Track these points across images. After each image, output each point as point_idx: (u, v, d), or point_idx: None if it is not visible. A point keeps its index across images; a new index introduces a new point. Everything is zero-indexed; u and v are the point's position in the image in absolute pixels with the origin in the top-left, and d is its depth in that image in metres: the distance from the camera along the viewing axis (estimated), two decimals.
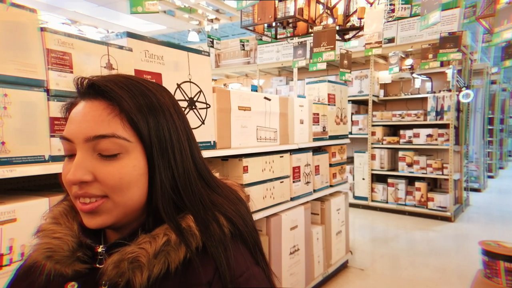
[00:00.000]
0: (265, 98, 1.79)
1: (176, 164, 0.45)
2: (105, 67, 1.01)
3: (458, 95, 4.10)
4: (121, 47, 1.05)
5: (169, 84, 1.19)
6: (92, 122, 0.42)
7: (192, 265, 0.43)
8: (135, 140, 0.43)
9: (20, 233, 0.78)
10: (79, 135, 0.42)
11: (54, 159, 0.89)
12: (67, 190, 0.45)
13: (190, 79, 1.28)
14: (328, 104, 2.44)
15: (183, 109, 1.23)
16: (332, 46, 2.36)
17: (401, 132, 4.29)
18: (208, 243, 0.44)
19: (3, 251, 0.76)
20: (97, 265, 0.44)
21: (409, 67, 4.21)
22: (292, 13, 2.45)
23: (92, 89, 0.44)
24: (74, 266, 0.44)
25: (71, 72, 0.93)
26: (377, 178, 4.48)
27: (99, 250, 0.45)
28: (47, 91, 0.88)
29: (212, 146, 1.42)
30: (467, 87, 4.33)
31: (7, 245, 0.76)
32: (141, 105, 0.44)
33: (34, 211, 0.81)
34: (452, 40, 3.17)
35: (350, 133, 4.46)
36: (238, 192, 0.54)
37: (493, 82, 7.02)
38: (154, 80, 1.15)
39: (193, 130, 1.20)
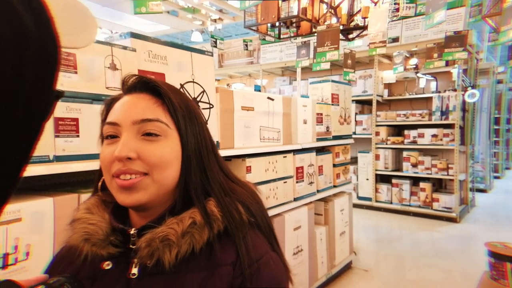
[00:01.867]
0: (268, 98, 1.79)
1: (204, 155, 0.53)
2: (109, 67, 1.01)
3: (463, 94, 4.06)
4: (125, 48, 1.06)
5: (172, 84, 1.19)
6: (140, 109, 0.49)
7: (215, 246, 0.48)
8: (174, 128, 0.51)
9: (25, 233, 0.79)
10: (127, 119, 0.49)
11: (58, 159, 0.89)
12: (106, 172, 0.49)
13: (193, 79, 1.29)
14: (332, 104, 2.42)
15: None
16: (336, 46, 2.35)
17: (406, 132, 4.25)
18: (229, 227, 0.49)
19: (8, 250, 0.77)
20: (131, 246, 0.49)
21: (414, 66, 4.17)
22: (295, 13, 2.44)
23: (140, 84, 0.52)
24: (108, 249, 0.49)
25: (76, 72, 0.93)
26: (381, 179, 4.45)
27: (132, 232, 0.49)
28: None
29: None
30: (473, 87, 4.29)
31: (13, 244, 0.77)
32: (179, 102, 0.52)
33: (39, 211, 0.82)
34: (457, 39, 3.13)
35: (354, 133, 4.44)
36: (251, 186, 0.59)
37: (499, 82, 6.94)
38: None
39: None
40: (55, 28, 0.23)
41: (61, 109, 0.89)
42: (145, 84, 0.52)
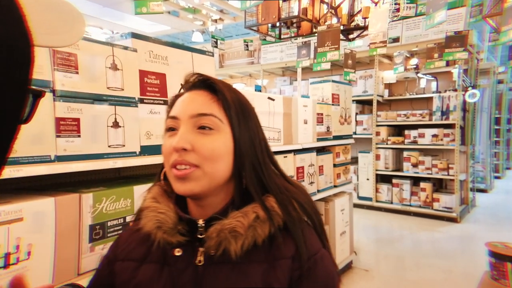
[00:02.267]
0: (269, 98, 1.79)
1: (258, 152, 0.55)
2: (110, 67, 1.01)
3: (464, 94, 4.05)
4: (125, 48, 1.06)
5: (173, 84, 1.19)
6: (197, 104, 0.53)
7: (276, 240, 0.51)
8: (227, 123, 0.53)
9: (27, 232, 0.79)
10: (186, 113, 0.52)
11: (60, 159, 0.89)
12: (166, 162, 0.53)
13: None
14: (332, 104, 2.43)
15: None
16: (337, 46, 2.35)
17: (406, 132, 4.25)
18: (289, 223, 0.52)
19: (10, 249, 0.77)
20: (199, 236, 0.52)
21: (414, 66, 4.17)
22: (296, 13, 2.44)
23: (199, 82, 0.56)
24: (177, 237, 0.53)
25: (77, 72, 0.93)
26: (382, 179, 4.45)
27: (200, 223, 0.53)
28: (53, 91, 0.89)
29: None
30: (474, 87, 4.28)
31: (14, 244, 0.77)
32: (234, 99, 0.54)
33: (40, 210, 0.82)
34: (458, 39, 3.13)
35: (355, 133, 4.44)
36: (301, 185, 0.61)
37: (500, 82, 6.93)
38: (158, 81, 1.16)
39: None
40: (27, 26, 0.22)
41: (62, 109, 0.90)
42: (203, 82, 0.55)
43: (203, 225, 0.52)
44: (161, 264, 0.53)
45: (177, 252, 0.53)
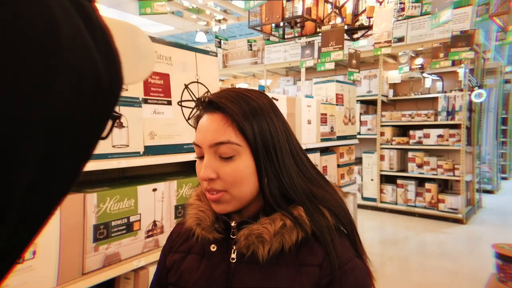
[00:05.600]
0: (272, 98, 1.78)
1: (279, 162, 0.55)
2: None
3: (470, 94, 4.01)
4: None
5: (176, 84, 1.19)
6: (213, 132, 0.54)
7: (303, 248, 0.54)
8: (245, 144, 0.54)
9: None
10: (205, 142, 0.55)
11: None
12: (201, 185, 0.58)
13: (197, 80, 1.29)
14: (336, 104, 2.41)
15: (190, 109, 1.24)
16: (341, 46, 2.34)
17: (411, 132, 4.22)
18: (317, 231, 0.53)
19: None
20: (231, 236, 0.57)
21: (419, 66, 4.13)
22: (300, 13, 2.44)
23: (211, 105, 0.56)
24: (214, 234, 0.58)
25: None
26: (386, 179, 4.42)
27: (233, 224, 0.57)
28: None
29: None
30: (480, 87, 4.23)
31: None
32: (247, 113, 0.54)
33: None
34: (464, 38, 3.10)
35: (359, 133, 4.41)
36: (335, 189, 0.61)
37: (507, 81, 6.83)
38: (162, 81, 1.16)
39: None
40: (120, 65, 0.23)
41: None
42: (213, 105, 0.56)
43: (235, 226, 0.57)
44: (201, 256, 0.59)
45: (213, 248, 0.58)
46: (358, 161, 4.44)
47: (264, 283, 0.53)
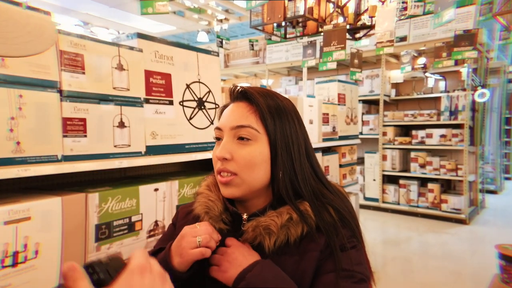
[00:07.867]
0: None
1: (295, 158, 0.58)
2: (116, 67, 1.02)
3: (473, 94, 3.98)
4: (131, 48, 1.06)
5: (178, 84, 1.19)
6: (237, 116, 0.59)
7: (306, 238, 0.56)
8: (264, 133, 0.58)
9: (34, 231, 0.80)
10: (227, 125, 0.59)
11: (66, 158, 0.90)
12: (214, 167, 0.61)
13: (199, 79, 1.29)
14: (338, 104, 2.41)
15: (192, 109, 1.24)
16: (343, 45, 2.33)
17: (413, 132, 4.20)
18: (321, 225, 0.56)
19: (18, 248, 0.78)
20: (242, 228, 0.60)
21: (422, 66, 4.11)
22: (302, 12, 2.43)
23: (241, 94, 0.61)
24: (220, 224, 0.61)
25: (83, 73, 0.94)
26: (388, 179, 4.40)
27: (244, 216, 0.60)
28: (60, 92, 0.89)
29: None
30: (483, 86, 4.21)
31: (22, 242, 0.78)
32: (271, 107, 0.59)
33: (48, 210, 0.83)
34: (467, 38, 3.08)
35: (361, 133, 4.40)
36: (341, 190, 0.64)
37: (510, 81, 6.78)
38: (164, 81, 1.16)
39: (202, 131, 1.19)
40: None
41: (69, 109, 0.90)
42: (243, 94, 0.61)
43: (246, 218, 0.60)
44: None
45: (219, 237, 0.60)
46: (360, 161, 4.43)
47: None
